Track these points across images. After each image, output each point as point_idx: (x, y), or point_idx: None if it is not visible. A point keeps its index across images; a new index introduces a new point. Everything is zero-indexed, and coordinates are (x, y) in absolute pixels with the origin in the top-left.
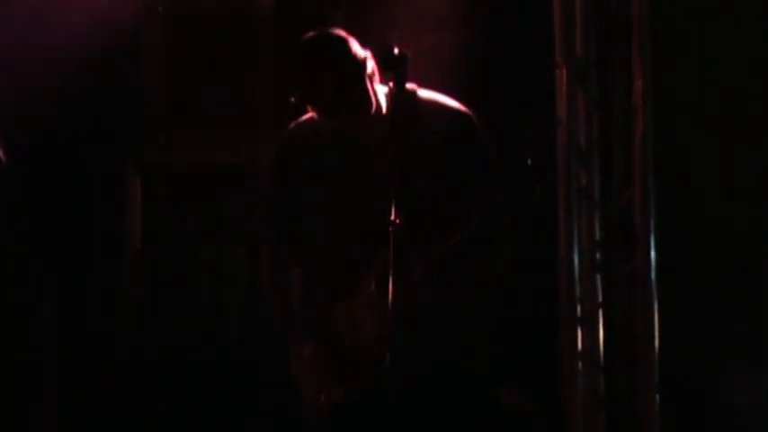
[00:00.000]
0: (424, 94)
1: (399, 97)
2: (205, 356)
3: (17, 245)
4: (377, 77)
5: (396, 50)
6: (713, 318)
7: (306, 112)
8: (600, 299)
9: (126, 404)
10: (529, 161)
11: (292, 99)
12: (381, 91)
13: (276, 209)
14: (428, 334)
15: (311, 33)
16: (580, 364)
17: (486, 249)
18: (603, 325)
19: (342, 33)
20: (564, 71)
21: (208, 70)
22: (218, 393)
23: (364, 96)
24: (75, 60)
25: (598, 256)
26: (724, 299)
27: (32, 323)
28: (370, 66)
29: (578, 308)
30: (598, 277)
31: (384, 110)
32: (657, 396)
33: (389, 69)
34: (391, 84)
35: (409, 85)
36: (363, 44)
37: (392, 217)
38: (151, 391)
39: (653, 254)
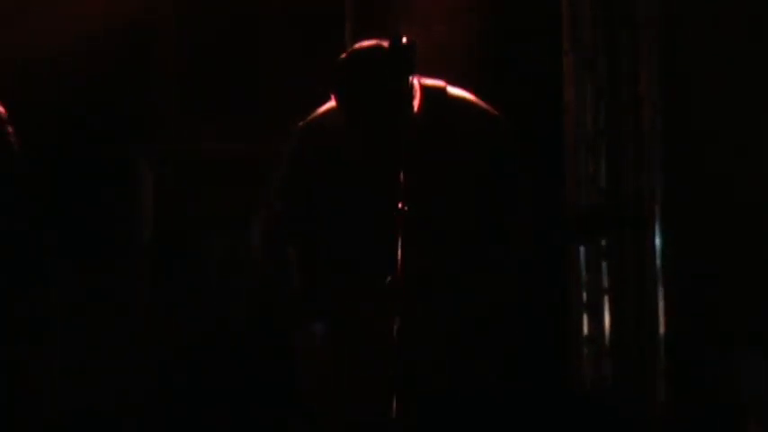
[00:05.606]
0: (454, 91)
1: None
2: (217, 345)
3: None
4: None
5: (404, 39)
6: (719, 304)
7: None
8: (606, 285)
9: (137, 390)
10: None
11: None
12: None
13: (284, 192)
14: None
15: (346, 54)
16: (586, 351)
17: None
18: (609, 311)
19: (379, 49)
20: (571, 59)
21: (218, 61)
22: (229, 381)
23: (397, 118)
24: (87, 53)
25: (604, 242)
26: (730, 285)
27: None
28: (407, 68)
29: (584, 294)
30: (604, 264)
31: (416, 106)
32: (663, 382)
33: (397, 58)
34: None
35: (438, 82)
36: (372, 34)
37: (399, 205)
38: (161, 379)
39: (658, 241)
